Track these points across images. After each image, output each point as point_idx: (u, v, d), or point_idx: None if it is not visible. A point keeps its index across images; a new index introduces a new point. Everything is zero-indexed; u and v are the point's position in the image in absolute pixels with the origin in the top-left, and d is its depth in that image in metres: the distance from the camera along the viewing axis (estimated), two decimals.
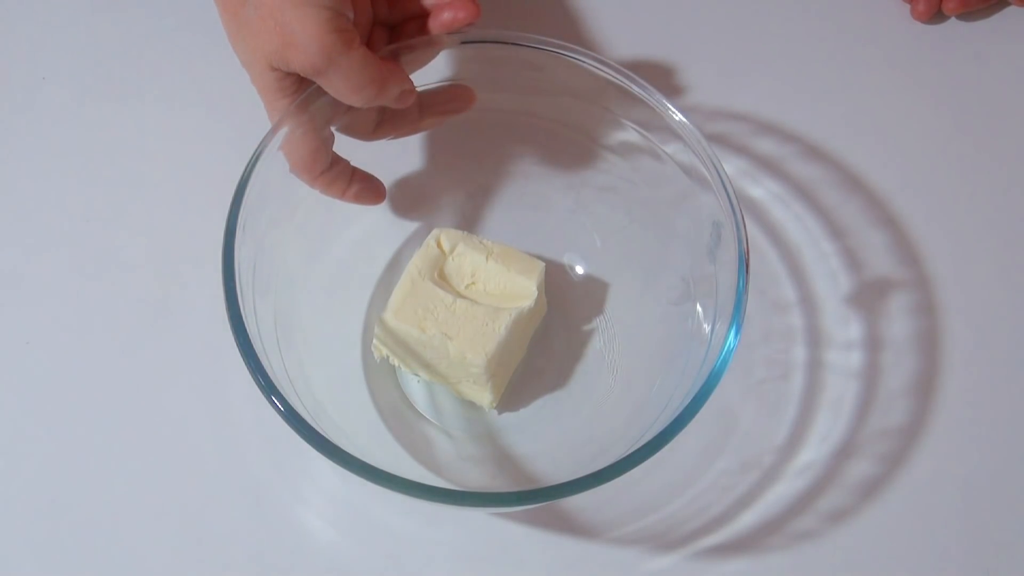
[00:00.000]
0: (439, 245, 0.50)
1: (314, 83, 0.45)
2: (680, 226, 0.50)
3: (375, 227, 0.54)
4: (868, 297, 0.55)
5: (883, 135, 0.60)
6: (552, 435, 0.50)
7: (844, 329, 0.54)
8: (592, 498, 0.47)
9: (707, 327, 0.46)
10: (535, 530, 0.49)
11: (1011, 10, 0.65)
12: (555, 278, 0.53)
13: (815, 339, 0.53)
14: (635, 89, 0.48)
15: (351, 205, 0.51)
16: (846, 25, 0.64)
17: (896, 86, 0.62)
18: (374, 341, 0.50)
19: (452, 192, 0.56)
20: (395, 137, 0.52)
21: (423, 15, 0.48)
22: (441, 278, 0.50)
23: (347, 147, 0.50)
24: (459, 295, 0.49)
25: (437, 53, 0.50)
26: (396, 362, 0.50)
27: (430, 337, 0.47)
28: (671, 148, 0.48)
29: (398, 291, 0.49)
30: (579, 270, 0.55)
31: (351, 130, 0.50)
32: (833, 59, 0.63)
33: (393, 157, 0.53)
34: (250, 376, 0.41)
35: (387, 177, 0.54)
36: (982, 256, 0.57)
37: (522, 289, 0.50)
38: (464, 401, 0.51)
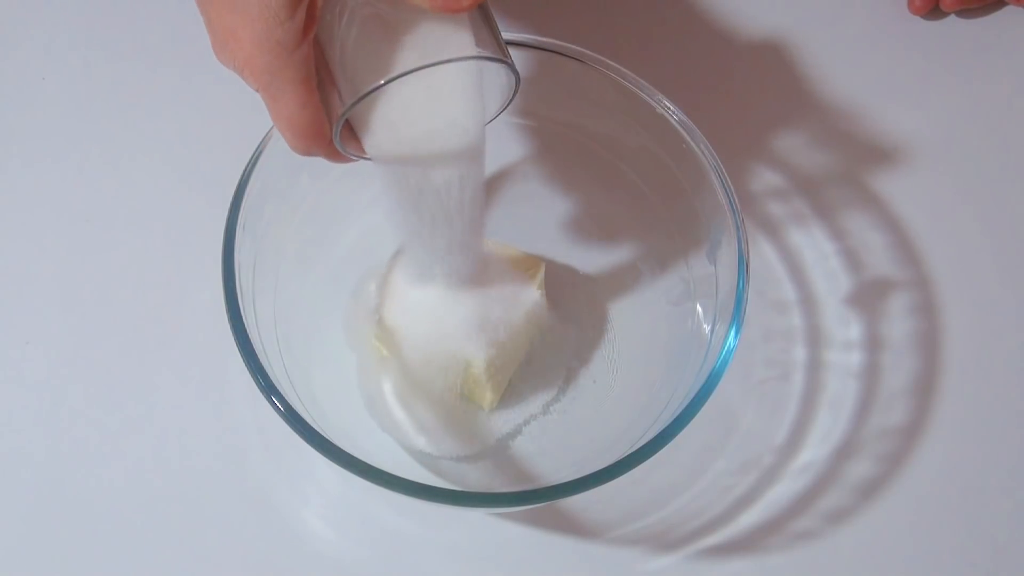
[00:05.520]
0: None
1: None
2: (680, 226, 0.50)
3: (375, 227, 0.54)
4: (868, 297, 0.55)
5: (882, 132, 0.60)
6: (552, 435, 0.50)
7: (844, 329, 0.54)
8: (592, 498, 0.47)
9: (707, 327, 0.46)
10: (535, 530, 0.49)
11: (1010, 9, 0.65)
12: (555, 278, 0.53)
13: (815, 339, 0.53)
14: (635, 88, 0.48)
15: (350, 204, 0.51)
16: (844, 22, 0.64)
17: (895, 84, 0.62)
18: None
19: None
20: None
21: None
22: None
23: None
24: None
25: None
26: None
27: None
28: (671, 148, 0.48)
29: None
30: (579, 270, 0.55)
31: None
32: (832, 56, 0.63)
33: None
34: (250, 376, 0.41)
35: None
36: (982, 256, 0.56)
37: (522, 289, 0.49)
38: (464, 401, 0.51)
